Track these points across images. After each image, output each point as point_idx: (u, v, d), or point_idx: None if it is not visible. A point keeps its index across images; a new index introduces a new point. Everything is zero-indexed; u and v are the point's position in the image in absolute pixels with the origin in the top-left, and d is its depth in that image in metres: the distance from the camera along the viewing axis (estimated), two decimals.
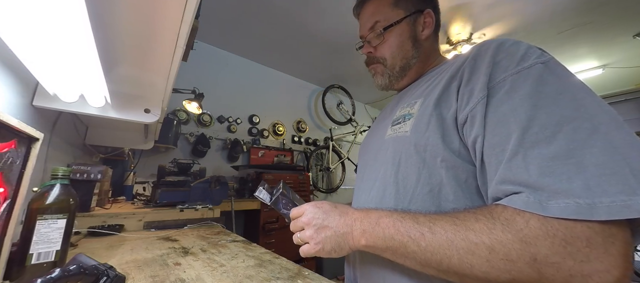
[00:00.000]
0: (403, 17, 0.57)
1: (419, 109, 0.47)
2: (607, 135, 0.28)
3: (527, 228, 0.29)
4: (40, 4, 0.39)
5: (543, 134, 0.31)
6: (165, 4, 0.54)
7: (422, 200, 0.43)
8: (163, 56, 0.70)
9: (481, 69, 0.39)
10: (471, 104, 0.39)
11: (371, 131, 0.68)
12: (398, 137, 0.49)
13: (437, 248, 0.34)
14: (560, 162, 0.29)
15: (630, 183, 0.26)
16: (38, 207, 0.51)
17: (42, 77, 0.61)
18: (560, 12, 2.43)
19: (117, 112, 0.85)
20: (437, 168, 0.42)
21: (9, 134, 0.50)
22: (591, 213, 0.26)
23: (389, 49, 0.58)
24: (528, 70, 0.35)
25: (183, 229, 1.16)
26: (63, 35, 0.45)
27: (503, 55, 0.39)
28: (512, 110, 0.34)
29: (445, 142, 0.41)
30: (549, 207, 0.28)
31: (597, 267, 0.26)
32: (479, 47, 0.43)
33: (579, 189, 0.27)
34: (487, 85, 0.37)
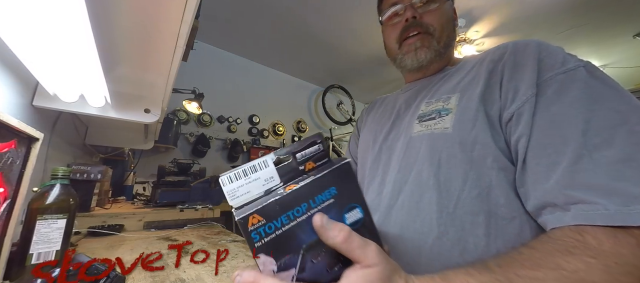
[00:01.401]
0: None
1: (458, 104, 0.43)
2: None
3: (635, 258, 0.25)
4: (40, 4, 0.39)
5: (601, 137, 0.30)
6: (165, 4, 0.54)
7: (469, 204, 0.38)
8: (163, 56, 0.70)
9: (526, 65, 0.38)
10: (518, 101, 0.37)
11: (379, 125, 0.59)
12: (435, 134, 0.43)
13: None
14: (626, 165, 0.28)
15: None
16: (38, 207, 0.51)
17: (42, 77, 0.61)
18: (559, 12, 2.43)
19: (117, 112, 0.85)
20: (486, 169, 0.38)
21: (9, 134, 0.50)
22: None
23: (440, 19, 0.52)
24: (574, 72, 0.35)
25: (183, 229, 1.16)
26: (63, 35, 0.45)
27: (546, 54, 0.38)
28: (565, 112, 0.33)
29: (495, 140, 0.38)
30: (632, 214, 0.26)
31: None
32: (514, 43, 0.42)
33: None
34: (536, 82, 0.36)
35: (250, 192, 0.25)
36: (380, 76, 3.61)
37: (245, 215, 0.22)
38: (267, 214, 0.22)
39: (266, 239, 0.22)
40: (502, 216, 0.36)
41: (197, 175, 1.63)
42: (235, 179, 0.25)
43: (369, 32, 2.67)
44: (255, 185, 0.25)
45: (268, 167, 0.26)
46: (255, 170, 0.25)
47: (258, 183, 0.25)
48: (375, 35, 2.73)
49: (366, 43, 2.88)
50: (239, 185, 0.25)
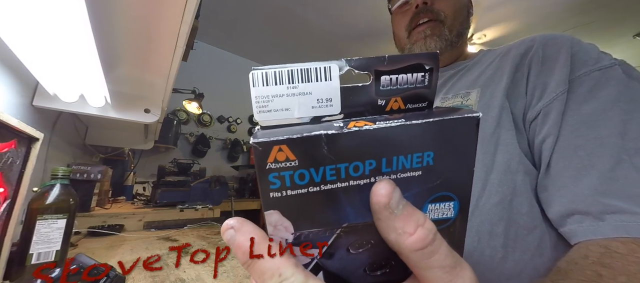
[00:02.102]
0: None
1: (479, 100, 0.39)
2: None
3: None
4: (40, 4, 0.39)
5: None
6: (165, 4, 0.54)
7: (488, 212, 0.35)
8: (163, 56, 0.70)
9: (558, 60, 0.34)
10: (546, 99, 0.33)
11: None
12: None
13: None
14: None
15: None
16: (38, 207, 0.51)
17: (42, 77, 0.61)
18: (559, 12, 2.43)
19: (117, 112, 0.85)
20: (510, 174, 0.34)
21: (9, 134, 0.50)
22: None
23: (453, 5, 0.48)
24: (609, 70, 0.32)
25: (183, 229, 1.16)
26: (63, 35, 0.45)
27: (579, 48, 0.35)
28: (600, 112, 0.30)
29: (519, 141, 0.35)
30: None
31: None
32: (543, 37, 0.38)
33: None
34: (567, 78, 0.33)
35: (289, 109, 0.15)
36: None
37: (268, 141, 0.13)
38: (305, 152, 0.13)
39: (289, 192, 0.13)
40: (523, 225, 0.33)
41: (197, 175, 1.63)
42: (272, 81, 0.15)
43: (369, 31, 2.67)
44: (302, 101, 0.15)
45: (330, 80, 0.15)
46: (307, 79, 0.15)
47: (306, 100, 0.15)
48: (375, 35, 2.73)
49: (366, 43, 2.88)
50: (277, 92, 0.15)
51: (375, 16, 2.43)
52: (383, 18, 2.49)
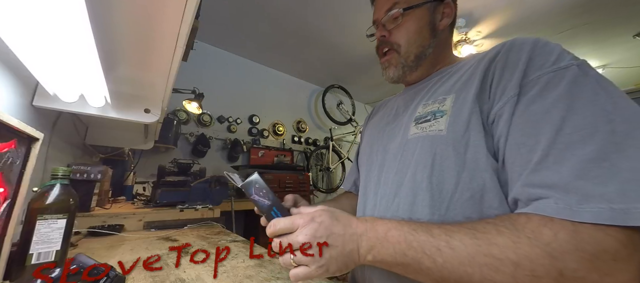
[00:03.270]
0: (425, 2, 0.53)
1: (453, 105, 0.43)
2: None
3: (555, 241, 0.27)
4: (40, 5, 0.39)
5: (577, 136, 0.29)
6: (165, 4, 0.54)
7: (461, 207, 0.38)
8: (163, 56, 0.70)
9: (515, 66, 0.37)
10: (501, 102, 0.37)
11: (377, 129, 0.61)
12: (430, 136, 0.43)
13: (456, 265, 0.31)
14: (595, 164, 0.27)
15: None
16: (38, 207, 0.51)
17: (42, 77, 0.61)
18: (559, 12, 2.43)
19: (117, 112, 0.85)
20: (480, 172, 0.37)
21: (9, 134, 0.50)
22: (625, 218, 0.25)
23: (405, 34, 0.54)
24: (564, 71, 0.34)
25: (183, 229, 1.16)
26: (63, 35, 0.45)
27: (538, 53, 0.37)
28: (545, 110, 0.32)
29: (487, 142, 0.38)
30: (581, 212, 0.26)
31: (620, 279, 0.25)
32: (510, 42, 0.41)
33: (613, 193, 0.26)
34: (520, 82, 0.36)
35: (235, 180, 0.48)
36: (380, 76, 3.60)
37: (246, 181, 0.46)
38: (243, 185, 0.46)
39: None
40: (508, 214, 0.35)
41: (197, 175, 1.63)
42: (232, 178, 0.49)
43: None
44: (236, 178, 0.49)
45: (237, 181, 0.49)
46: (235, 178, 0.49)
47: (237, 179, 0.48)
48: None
49: (366, 43, 2.88)
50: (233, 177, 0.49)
51: None
52: None
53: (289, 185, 2.48)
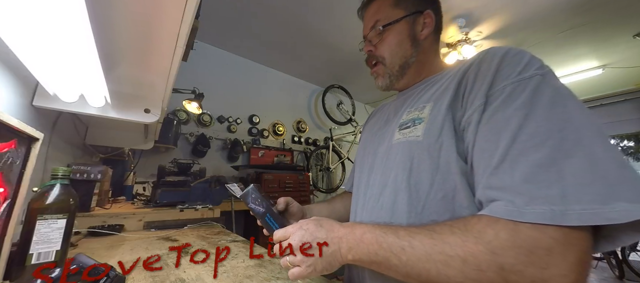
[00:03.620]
0: (402, 16, 0.58)
1: (430, 113, 0.47)
2: (589, 147, 0.30)
3: (496, 239, 0.30)
4: (41, 5, 0.39)
5: (531, 143, 0.32)
6: (165, 4, 0.54)
7: (435, 206, 0.42)
8: (163, 56, 0.70)
9: (485, 76, 0.40)
10: (469, 111, 0.40)
11: (369, 134, 0.67)
12: (409, 141, 0.48)
13: (416, 262, 0.35)
14: (543, 169, 0.30)
15: (603, 194, 0.27)
16: (38, 207, 0.51)
17: (42, 77, 0.61)
18: (560, 12, 2.43)
19: (117, 112, 0.85)
20: (451, 174, 0.41)
21: (9, 134, 0.50)
22: (563, 219, 0.27)
23: (388, 47, 0.59)
24: (527, 81, 0.36)
25: (183, 229, 1.16)
26: (63, 35, 0.45)
27: (506, 64, 0.39)
28: (506, 118, 0.35)
29: (458, 147, 0.41)
30: (525, 213, 0.29)
31: (555, 272, 0.28)
32: (485, 53, 0.44)
33: (555, 196, 0.29)
34: (486, 93, 0.39)
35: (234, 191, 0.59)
36: None
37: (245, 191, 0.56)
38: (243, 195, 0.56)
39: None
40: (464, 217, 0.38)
41: (197, 175, 1.63)
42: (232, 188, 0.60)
43: None
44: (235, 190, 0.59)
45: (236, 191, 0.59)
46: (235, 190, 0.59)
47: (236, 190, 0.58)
48: None
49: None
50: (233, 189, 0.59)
51: None
52: None
53: (289, 185, 2.48)
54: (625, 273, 3.14)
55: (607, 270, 3.43)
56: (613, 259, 3.31)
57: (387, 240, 0.38)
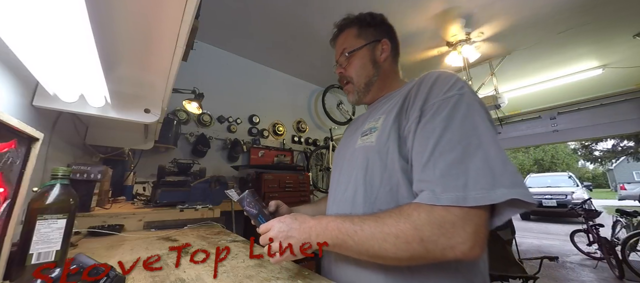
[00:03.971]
0: (364, 45, 0.71)
1: (382, 123, 0.59)
2: (486, 150, 0.42)
3: (418, 219, 0.42)
4: (41, 5, 0.39)
5: (448, 147, 0.44)
6: (165, 4, 0.54)
7: (384, 197, 0.54)
8: (163, 56, 0.70)
9: (421, 95, 0.53)
10: (410, 122, 0.52)
11: (345, 140, 0.78)
12: (366, 146, 0.60)
13: (365, 241, 0.46)
14: (454, 166, 0.42)
15: (491, 183, 0.40)
16: (38, 207, 0.51)
17: (42, 77, 0.61)
18: (560, 11, 2.43)
19: (117, 112, 0.85)
20: (395, 172, 0.52)
21: (9, 134, 0.50)
22: (464, 201, 0.40)
23: (354, 69, 0.72)
24: (449, 99, 0.48)
25: (183, 229, 1.16)
26: (63, 35, 0.45)
27: (436, 85, 0.52)
28: (432, 128, 0.47)
29: (400, 151, 0.53)
30: (441, 198, 0.41)
31: (458, 240, 0.40)
32: (424, 76, 0.57)
33: (461, 186, 0.41)
34: (421, 108, 0.51)
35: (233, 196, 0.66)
36: None
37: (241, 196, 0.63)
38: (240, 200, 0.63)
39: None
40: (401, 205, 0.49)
41: (197, 175, 1.63)
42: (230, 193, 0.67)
43: None
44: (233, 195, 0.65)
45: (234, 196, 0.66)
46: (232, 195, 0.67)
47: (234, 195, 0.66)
48: None
49: None
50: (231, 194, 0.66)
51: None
52: None
53: (289, 185, 2.48)
54: (625, 273, 3.14)
55: (607, 270, 3.43)
56: (613, 259, 3.32)
57: (345, 226, 0.48)
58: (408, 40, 2.78)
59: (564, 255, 4.25)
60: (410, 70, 3.48)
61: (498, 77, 3.37)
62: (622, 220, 3.98)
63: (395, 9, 2.30)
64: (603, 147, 18.54)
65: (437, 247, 0.40)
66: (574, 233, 4.31)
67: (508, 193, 0.38)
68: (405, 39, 2.73)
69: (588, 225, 3.90)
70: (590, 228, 3.85)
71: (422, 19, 2.47)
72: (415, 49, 2.97)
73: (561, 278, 3.34)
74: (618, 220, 4.02)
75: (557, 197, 7.32)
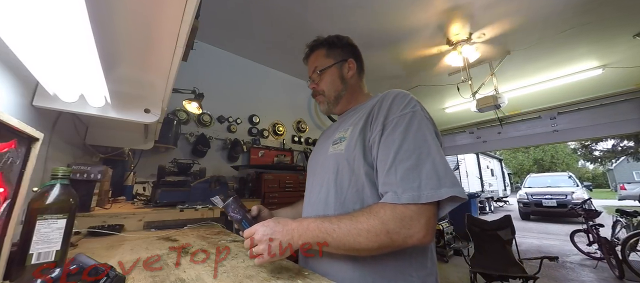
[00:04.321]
0: (333, 64, 0.82)
1: (350, 134, 0.68)
2: (433, 158, 0.54)
3: (384, 215, 0.52)
4: (41, 5, 0.39)
5: (405, 155, 0.55)
6: (165, 4, 0.54)
7: (352, 197, 0.63)
8: (163, 56, 0.70)
9: (382, 111, 0.63)
10: (374, 134, 0.62)
11: (318, 146, 0.88)
12: (336, 154, 0.68)
13: (342, 237, 0.54)
14: (410, 172, 0.53)
15: (437, 184, 0.51)
16: (38, 207, 0.51)
17: (42, 77, 0.61)
18: (560, 12, 2.43)
19: (117, 112, 0.85)
20: (361, 176, 0.62)
21: (9, 134, 0.50)
22: (418, 199, 0.50)
23: (325, 85, 0.82)
24: (404, 115, 0.60)
25: (183, 229, 1.16)
26: (63, 35, 0.45)
27: (395, 103, 0.63)
28: (392, 140, 0.58)
29: (365, 158, 0.62)
30: (402, 198, 0.51)
31: (415, 230, 0.51)
32: (386, 94, 0.68)
33: (416, 188, 0.52)
34: (383, 122, 0.61)
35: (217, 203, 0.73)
36: (379, 76, 3.60)
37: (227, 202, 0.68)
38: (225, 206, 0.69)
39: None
40: (370, 204, 0.58)
41: (197, 175, 1.63)
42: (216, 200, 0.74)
43: (368, 33, 2.67)
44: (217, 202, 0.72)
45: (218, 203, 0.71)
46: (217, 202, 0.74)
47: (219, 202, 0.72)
48: (375, 34, 2.73)
49: (366, 43, 2.88)
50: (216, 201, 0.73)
51: (375, 19, 2.43)
52: (382, 21, 2.48)
53: (289, 185, 2.48)
54: (625, 273, 3.14)
55: (607, 270, 3.43)
56: (613, 259, 3.32)
57: (324, 226, 0.56)
58: (408, 36, 2.75)
59: (564, 255, 4.25)
60: (410, 67, 3.48)
61: (498, 77, 3.37)
62: (622, 220, 3.98)
63: (398, 3, 2.28)
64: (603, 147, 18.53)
65: (400, 236, 0.51)
66: (574, 233, 4.31)
67: (449, 192, 0.50)
68: (405, 34, 2.71)
69: (588, 225, 3.91)
70: (590, 228, 3.85)
71: (425, 15, 2.44)
72: (415, 45, 2.94)
73: (561, 278, 3.34)
74: (618, 220, 4.02)
75: (557, 197, 7.33)
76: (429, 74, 3.60)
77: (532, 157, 25.44)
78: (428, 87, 3.90)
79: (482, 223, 2.97)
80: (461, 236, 4.20)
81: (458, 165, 8.47)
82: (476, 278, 2.43)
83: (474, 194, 6.12)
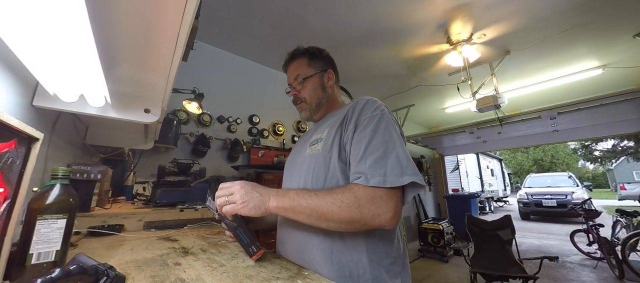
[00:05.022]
0: (315, 73, 0.88)
1: (326, 135, 0.75)
2: (397, 151, 0.62)
3: (358, 192, 0.59)
4: (40, 5, 0.39)
5: (374, 149, 0.63)
6: (165, 4, 0.54)
7: None
8: (163, 56, 0.70)
9: (355, 114, 0.70)
10: (348, 133, 0.69)
11: (295, 151, 0.93)
12: (314, 154, 0.75)
13: (317, 202, 0.60)
14: (378, 162, 0.61)
15: (400, 172, 0.59)
16: (38, 207, 0.51)
17: (42, 77, 0.61)
18: (560, 12, 2.43)
19: (117, 112, 0.85)
20: (336, 172, 0.69)
21: (9, 133, 0.50)
22: (384, 184, 0.58)
23: (307, 92, 0.87)
24: (374, 116, 0.68)
25: (183, 229, 1.16)
26: (63, 35, 0.45)
27: (366, 107, 0.71)
28: (363, 136, 0.65)
29: (340, 155, 0.70)
30: (371, 182, 0.58)
31: (383, 209, 0.57)
32: (358, 100, 0.75)
33: (382, 174, 0.59)
34: (355, 122, 0.69)
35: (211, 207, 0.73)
36: (379, 76, 3.60)
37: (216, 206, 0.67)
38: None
39: None
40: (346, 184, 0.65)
41: (197, 175, 1.63)
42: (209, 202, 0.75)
43: (368, 33, 2.67)
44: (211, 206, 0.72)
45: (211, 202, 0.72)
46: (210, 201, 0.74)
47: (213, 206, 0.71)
48: (374, 36, 2.73)
49: (366, 42, 2.88)
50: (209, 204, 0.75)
51: (374, 18, 2.43)
52: (382, 21, 2.48)
53: None
54: (625, 273, 3.14)
55: (607, 270, 3.43)
56: (613, 259, 3.32)
57: (302, 192, 0.63)
58: (408, 33, 2.74)
59: (564, 255, 4.25)
60: (410, 66, 3.48)
61: (498, 77, 3.36)
62: (622, 220, 3.98)
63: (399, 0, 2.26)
64: (603, 147, 18.53)
65: (369, 211, 0.57)
66: (574, 233, 4.31)
67: (410, 179, 0.58)
68: (406, 30, 2.70)
69: (588, 225, 3.90)
70: (590, 228, 3.85)
71: (426, 12, 2.43)
72: (415, 42, 2.92)
73: (561, 278, 3.34)
74: (618, 220, 4.02)
75: (557, 197, 7.32)
76: (429, 74, 3.60)
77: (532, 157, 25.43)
78: (428, 87, 3.90)
79: (482, 223, 2.97)
80: (461, 236, 4.20)
81: (458, 165, 8.45)
82: (476, 278, 2.42)
83: (474, 194, 6.11)
